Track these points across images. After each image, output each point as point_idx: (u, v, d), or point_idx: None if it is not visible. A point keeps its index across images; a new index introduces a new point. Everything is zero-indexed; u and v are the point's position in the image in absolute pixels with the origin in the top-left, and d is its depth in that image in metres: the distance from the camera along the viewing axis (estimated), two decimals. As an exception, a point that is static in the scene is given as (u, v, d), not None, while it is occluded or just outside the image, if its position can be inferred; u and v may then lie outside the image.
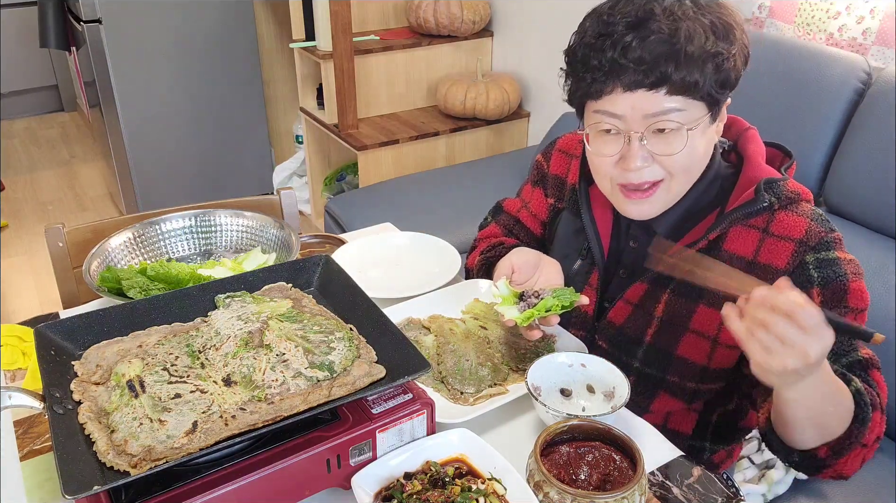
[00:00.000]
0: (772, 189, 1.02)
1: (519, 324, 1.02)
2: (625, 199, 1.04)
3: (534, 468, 0.82)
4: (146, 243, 1.33)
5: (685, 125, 0.97)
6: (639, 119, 0.97)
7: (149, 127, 3.30)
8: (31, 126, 4.77)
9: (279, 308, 0.96)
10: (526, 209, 1.33)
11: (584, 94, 1.02)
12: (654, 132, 0.97)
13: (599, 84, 0.97)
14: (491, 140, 3.02)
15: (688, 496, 0.89)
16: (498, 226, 1.37)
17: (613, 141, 1.01)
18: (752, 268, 1.02)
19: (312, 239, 1.49)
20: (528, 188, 1.34)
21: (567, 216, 1.24)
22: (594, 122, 1.02)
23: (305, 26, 2.93)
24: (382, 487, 0.83)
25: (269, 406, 0.80)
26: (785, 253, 1.00)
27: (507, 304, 1.06)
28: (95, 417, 0.80)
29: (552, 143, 1.32)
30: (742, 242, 1.03)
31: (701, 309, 1.05)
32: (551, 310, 1.02)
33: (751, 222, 1.03)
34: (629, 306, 1.11)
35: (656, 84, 0.94)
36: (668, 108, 0.95)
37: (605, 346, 1.14)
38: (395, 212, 2.31)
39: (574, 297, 1.03)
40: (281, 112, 3.69)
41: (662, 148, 0.98)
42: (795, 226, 1.01)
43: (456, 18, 2.91)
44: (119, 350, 0.89)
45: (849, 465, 0.94)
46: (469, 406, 1.00)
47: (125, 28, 3.08)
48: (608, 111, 0.99)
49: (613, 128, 1.00)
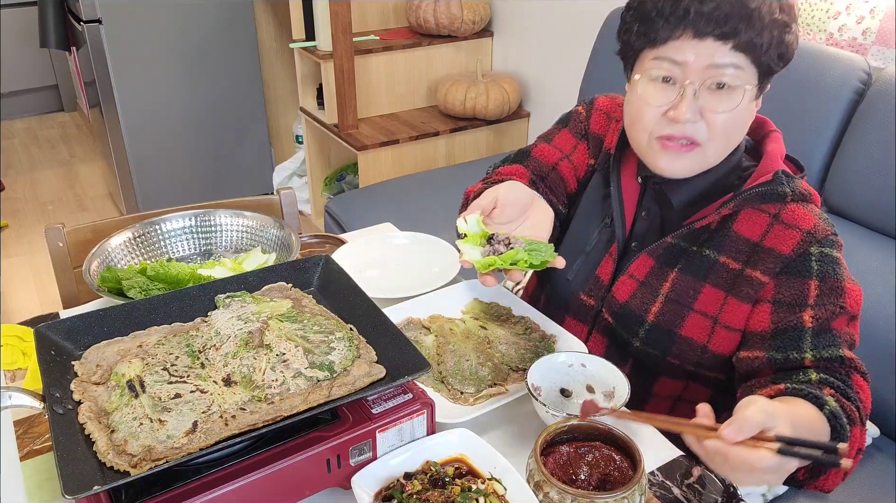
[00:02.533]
0: (788, 181, 1.04)
1: (477, 268, 0.95)
2: (661, 149, 1.03)
3: (534, 468, 0.82)
4: (146, 243, 1.33)
5: (744, 84, 0.98)
6: (700, 69, 0.97)
7: (149, 127, 3.30)
8: (31, 126, 4.77)
9: (279, 308, 0.96)
10: (568, 161, 1.26)
11: (649, 40, 1.01)
12: (709, 88, 0.98)
13: (667, 30, 0.98)
14: (491, 140, 3.02)
15: (688, 496, 0.89)
16: (527, 169, 1.25)
17: (666, 90, 1.01)
18: (756, 250, 1.03)
19: (312, 239, 1.49)
20: (569, 138, 1.27)
21: (597, 180, 1.22)
22: (650, 68, 1.02)
23: (305, 26, 2.93)
24: (382, 487, 0.83)
25: (269, 406, 0.80)
26: (791, 240, 1.01)
27: (471, 242, 0.97)
28: (95, 417, 0.80)
29: (590, 101, 1.29)
30: (751, 225, 1.05)
31: (707, 288, 1.06)
32: (517, 265, 0.93)
33: (763, 206, 1.04)
34: (634, 282, 1.11)
35: (726, 36, 0.95)
36: (730, 63, 0.97)
37: (611, 321, 1.14)
38: (395, 212, 2.31)
39: (548, 258, 0.94)
40: (281, 112, 3.69)
41: (714, 104, 0.99)
42: (805, 218, 1.02)
43: (456, 18, 2.91)
44: (119, 350, 0.89)
45: (829, 482, 0.94)
46: (469, 406, 1.00)
47: (125, 28, 3.08)
48: (670, 58, 0.99)
49: (671, 76, 1.00)
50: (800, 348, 0.97)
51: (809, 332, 0.97)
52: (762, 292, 1.03)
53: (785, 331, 0.99)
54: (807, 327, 0.97)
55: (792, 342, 0.98)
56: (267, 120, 3.63)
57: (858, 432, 0.91)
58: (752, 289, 1.03)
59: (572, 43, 2.67)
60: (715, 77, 0.98)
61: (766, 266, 1.02)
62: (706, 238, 1.08)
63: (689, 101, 0.99)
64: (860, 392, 0.94)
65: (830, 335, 0.97)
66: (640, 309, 1.11)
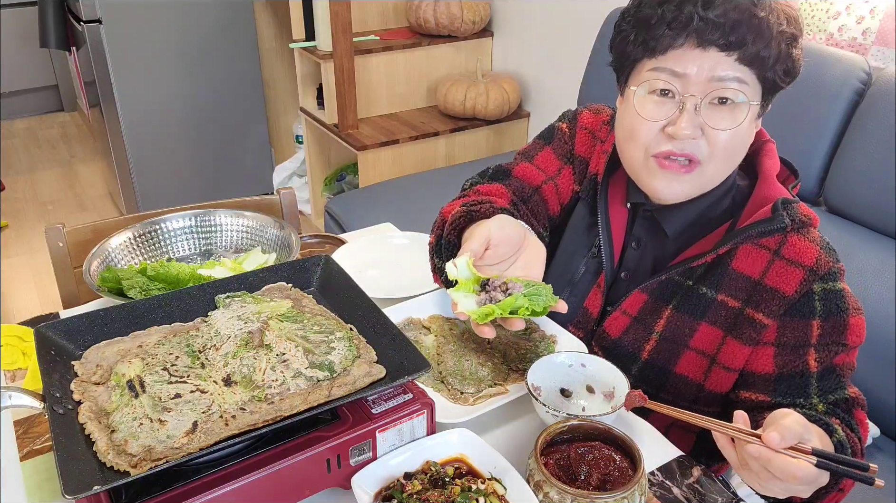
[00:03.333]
0: (787, 210, 0.98)
1: (473, 319, 0.88)
2: (659, 168, 0.97)
3: (534, 468, 0.82)
4: (146, 243, 1.33)
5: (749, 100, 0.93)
6: (702, 81, 0.91)
7: (149, 127, 3.30)
8: (31, 126, 4.77)
9: (279, 308, 0.96)
10: (553, 184, 1.18)
11: (647, 49, 0.94)
12: (711, 103, 0.92)
13: (669, 38, 0.91)
14: (491, 140, 3.02)
15: (688, 496, 0.89)
16: (507, 189, 1.16)
17: (665, 104, 0.94)
18: (757, 288, 0.99)
19: (312, 239, 1.49)
20: (552, 159, 1.19)
21: (581, 209, 1.16)
22: (647, 80, 0.95)
23: (305, 26, 2.93)
24: (382, 487, 0.83)
25: (270, 406, 0.80)
26: (794, 279, 0.97)
27: (463, 290, 0.89)
28: (95, 417, 0.80)
29: (573, 116, 1.20)
30: (751, 261, 1.00)
31: (703, 327, 1.03)
32: (518, 313, 0.87)
33: (762, 241, 0.99)
34: (627, 318, 1.07)
35: (732, 46, 0.89)
36: (734, 76, 0.91)
37: (601, 355, 1.10)
38: (395, 212, 2.31)
39: (550, 302, 0.88)
40: (281, 112, 3.69)
41: (716, 120, 0.93)
42: (806, 252, 0.97)
43: (456, 18, 2.91)
44: (119, 350, 0.89)
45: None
46: (469, 406, 1.00)
47: (125, 28, 3.08)
48: (670, 68, 0.92)
49: (670, 89, 0.94)
50: (806, 394, 0.96)
51: (815, 377, 0.96)
52: (765, 334, 0.99)
53: (791, 377, 0.97)
54: (812, 371, 0.96)
55: (799, 388, 0.97)
56: (267, 120, 3.63)
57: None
58: (754, 331, 0.99)
59: (572, 43, 2.67)
60: (717, 91, 0.92)
61: (770, 308, 0.98)
62: (702, 273, 1.03)
63: (690, 115, 0.92)
64: (860, 427, 0.95)
65: (835, 376, 0.96)
66: (633, 346, 1.07)
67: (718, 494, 0.89)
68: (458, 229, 1.04)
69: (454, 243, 1.05)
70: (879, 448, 1.54)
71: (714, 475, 0.92)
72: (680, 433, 1.12)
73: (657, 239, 1.09)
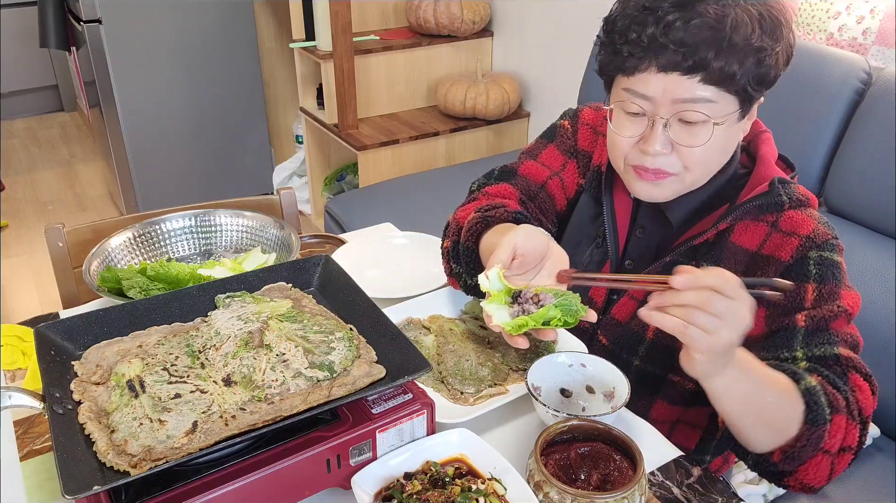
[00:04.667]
0: (784, 188, 1.01)
1: (507, 330, 0.90)
2: (636, 177, 1.02)
3: (534, 468, 0.82)
4: (146, 243, 1.33)
5: (712, 119, 0.94)
6: (667, 103, 0.94)
7: (149, 127, 3.30)
8: (31, 126, 4.77)
9: (279, 308, 0.96)
10: (558, 179, 1.21)
11: (617, 68, 0.98)
12: (679, 121, 0.95)
13: (635, 60, 0.94)
14: (491, 140, 3.02)
15: (688, 496, 0.89)
16: (515, 188, 1.19)
17: (637, 122, 0.98)
18: (754, 259, 1.01)
19: (312, 239, 1.49)
20: (556, 155, 1.22)
21: (586, 200, 1.19)
22: (621, 99, 0.99)
23: (305, 26, 2.93)
24: (382, 487, 0.83)
25: (269, 406, 0.80)
26: (790, 247, 0.99)
27: (496, 302, 0.92)
28: (95, 417, 0.80)
29: (575, 114, 1.24)
30: (749, 235, 1.02)
31: None
32: (551, 324, 0.89)
33: (761, 216, 1.02)
34: (634, 302, 1.09)
35: (693, 69, 0.91)
36: (700, 97, 0.93)
37: (606, 343, 1.12)
38: (395, 212, 2.31)
39: (581, 312, 0.90)
40: (281, 112, 3.69)
41: (685, 138, 0.96)
42: (804, 223, 0.99)
43: (456, 18, 2.91)
44: (119, 350, 0.89)
45: (811, 474, 0.90)
46: (469, 406, 1.00)
47: (125, 28, 3.08)
48: (637, 91, 0.96)
49: (639, 109, 0.97)
50: (790, 347, 0.94)
51: (802, 331, 0.94)
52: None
53: (776, 333, 0.97)
54: (799, 327, 0.95)
55: (783, 342, 0.95)
56: (267, 120, 3.63)
57: (844, 423, 0.88)
58: None
59: (572, 43, 2.67)
60: (681, 113, 0.94)
61: (765, 273, 1.00)
62: (704, 251, 1.05)
63: (659, 134, 0.96)
64: (857, 391, 0.91)
65: (826, 334, 0.94)
66: (640, 327, 1.08)
67: (718, 494, 0.89)
68: (476, 235, 1.07)
69: (472, 249, 1.08)
70: (880, 448, 1.54)
71: (714, 475, 0.92)
72: (685, 429, 1.12)
73: (661, 226, 1.10)
